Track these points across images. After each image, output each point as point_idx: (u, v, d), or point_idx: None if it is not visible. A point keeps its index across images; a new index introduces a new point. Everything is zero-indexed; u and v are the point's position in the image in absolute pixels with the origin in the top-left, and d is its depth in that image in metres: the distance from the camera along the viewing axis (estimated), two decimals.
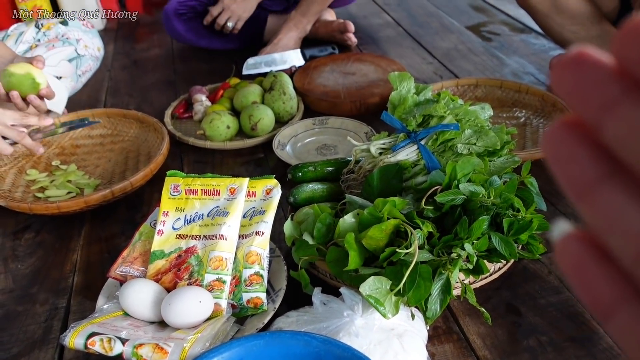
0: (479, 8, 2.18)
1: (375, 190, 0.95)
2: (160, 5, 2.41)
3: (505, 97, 1.45)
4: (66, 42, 1.44)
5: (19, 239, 1.12)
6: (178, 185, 0.95)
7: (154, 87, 1.72)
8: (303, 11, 1.73)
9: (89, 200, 1.11)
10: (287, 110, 1.42)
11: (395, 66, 1.62)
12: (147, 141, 1.38)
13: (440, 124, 1.00)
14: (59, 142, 1.39)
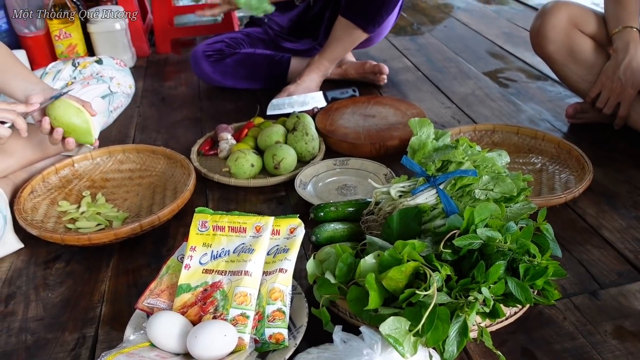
0: (496, 55, 2.24)
1: (394, 232, 0.98)
2: (187, 45, 2.52)
3: (521, 143, 1.49)
4: (100, 80, 1.51)
5: (49, 268, 1.17)
6: (206, 221, 1.00)
7: (181, 124, 1.79)
8: (326, 55, 1.80)
9: (118, 232, 1.16)
10: (309, 151, 1.47)
11: (415, 110, 1.68)
12: (173, 176, 1.43)
13: (458, 169, 1.04)
14: (89, 175, 1.45)
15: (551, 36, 1.46)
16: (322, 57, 1.81)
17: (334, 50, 1.79)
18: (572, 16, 1.45)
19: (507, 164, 1.11)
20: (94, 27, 2.16)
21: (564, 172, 1.37)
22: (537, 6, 2.86)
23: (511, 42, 2.35)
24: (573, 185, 1.28)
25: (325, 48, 1.80)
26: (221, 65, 1.92)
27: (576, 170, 1.35)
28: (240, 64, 1.92)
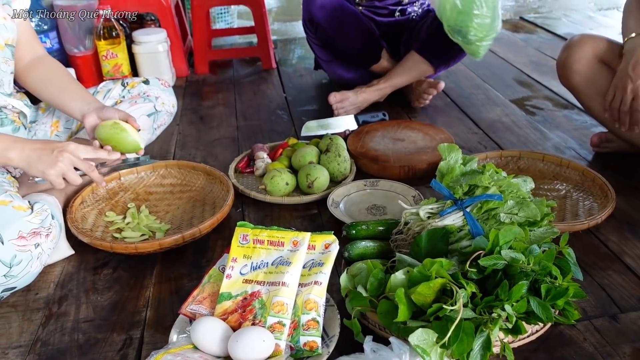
0: (524, 83, 2.30)
1: (423, 251, 1.05)
2: (224, 67, 2.63)
3: (546, 170, 1.54)
4: (147, 99, 1.62)
5: (98, 274, 1.26)
6: (247, 235, 1.07)
7: (219, 142, 1.88)
8: (391, 82, 1.96)
9: (162, 243, 1.25)
10: (341, 171, 1.54)
11: (443, 135, 1.74)
12: (212, 192, 1.52)
13: (485, 194, 1.10)
14: (134, 188, 1.54)
15: (577, 68, 1.51)
16: (387, 82, 1.96)
17: (400, 78, 1.95)
18: (597, 49, 1.50)
19: (531, 189, 1.17)
20: (139, 48, 2.28)
21: (587, 199, 1.42)
22: (565, 35, 2.91)
23: (539, 71, 2.40)
24: (596, 212, 1.32)
25: (393, 75, 1.94)
26: (343, 5, 1.91)
27: (600, 198, 1.39)
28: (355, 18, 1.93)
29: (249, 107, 2.17)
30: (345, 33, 1.94)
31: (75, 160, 1.18)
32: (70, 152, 1.17)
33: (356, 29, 1.94)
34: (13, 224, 1.11)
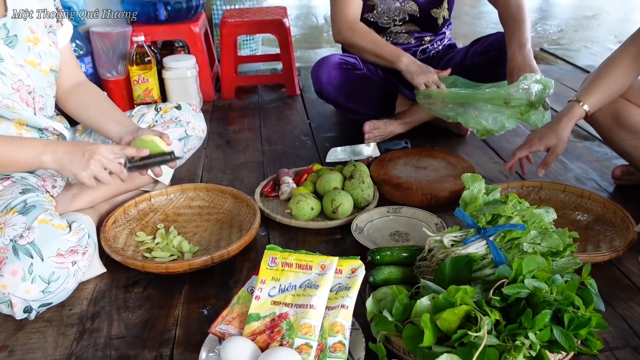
0: None
1: (447, 278, 1.07)
2: (249, 92, 2.70)
3: (568, 201, 1.56)
4: (178, 124, 1.68)
5: (129, 292, 1.30)
6: (276, 258, 1.11)
7: (244, 166, 1.93)
8: (419, 118, 2.03)
9: (192, 263, 1.29)
10: (364, 198, 1.58)
11: (465, 164, 1.77)
12: (239, 215, 1.56)
13: (508, 223, 1.13)
14: (163, 209, 1.59)
15: None
16: (415, 117, 2.03)
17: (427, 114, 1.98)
18: None
19: (553, 220, 1.19)
20: (168, 73, 2.36)
21: (609, 231, 1.43)
22: (585, 67, 2.94)
23: (559, 102, 2.42)
24: (618, 244, 1.34)
25: (421, 111, 1.98)
26: (350, 76, 1.97)
27: (621, 230, 1.41)
28: (364, 81, 1.98)
29: (274, 132, 2.22)
30: (357, 99, 2.00)
31: (105, 161, 1.24)
32: (100, 153, 1.23)
33: (367, 92, 2.00)
34: (52, 242, 1.16)
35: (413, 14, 2.00)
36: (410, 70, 1.85)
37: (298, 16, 5.54)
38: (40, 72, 1.37)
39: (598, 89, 1.47)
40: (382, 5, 1.97)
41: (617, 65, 1.46)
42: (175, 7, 2.42)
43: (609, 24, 4.82)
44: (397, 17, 2.00)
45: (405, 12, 1.99)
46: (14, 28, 1.31)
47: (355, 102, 2.00)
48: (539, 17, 5.26)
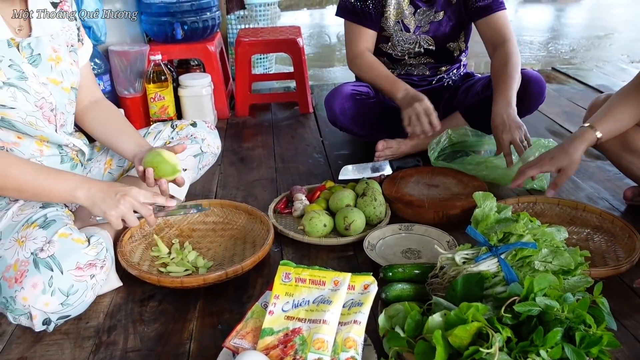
0: (556, 132, 2.34)
1: (458, 295, 1.08)
2: (262, 110, 2.74)
3: (562, 214, 1.60)
4: (194, 141, 1.71)
5: (145, 306, 1.32)
6: (289, 273, 1.13)
7: (258, 183, 1.96)
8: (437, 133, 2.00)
9: (207, 278, 1.31)
10: (376, 215, 1.60)
11: (476, 182, 1.79)
12: (253, 231, 1.58)
13: (519, 241, 1.14)
14: (178, 225, 1.62)
15: None
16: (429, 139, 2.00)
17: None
18: None
19: (565, 239, 1.20)
20: (184, 91, 2.41)
21: (610, 241, 1.47)
22: (597, 87, 2.95)
23: (571, 121, 2.44)
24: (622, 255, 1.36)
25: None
26: (362, 106, 2.00)
27: (622, 239, 1.45)
28: (376, 110, 2.02)
29: (287, 150, 2.25)
30: (370, 127, 2.03)
31: (136, 204, 1.26)
32: (132, 196, 1.25)
33: (380, 119, 2.03)
34: (72, 255, 1.19)
35: (429, 47, 2.03)
36: (402, 105, 1.87)
37: (311, 35, 5.61)
38: (62, 89, 1.41)
39: (612, 117, 1.48)
40: (396, 37, 2.01)
41: (632, 97, 1.47)
42: (191, 26, 2.48)
43: (620, 44, 4.83)
44: (412, 50, 2.03)
45: (420, 45, 2.02)
46: (37, 47, 1.35)
47: (369, 129, 2.03)
48: (551, 37, 5.29)
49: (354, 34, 2.01)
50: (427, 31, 2.01)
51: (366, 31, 2.00)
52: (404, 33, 2.01)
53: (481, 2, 1.97)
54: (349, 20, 2.02)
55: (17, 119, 1.30)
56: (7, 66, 1.27)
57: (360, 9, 1.97)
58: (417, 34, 2.01)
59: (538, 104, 2.00)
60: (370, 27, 1.99)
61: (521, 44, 5.06)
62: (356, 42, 2.01)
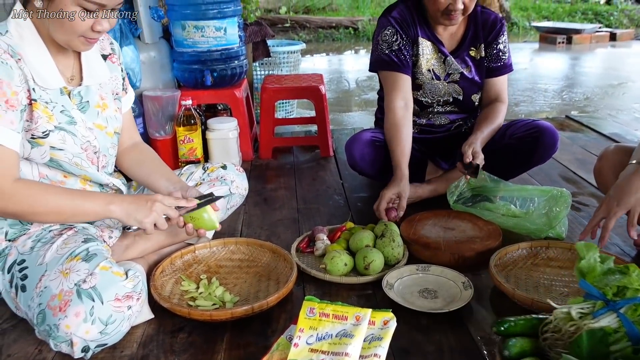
0: (569, 179, 2.41)
1: (584, 352, 1.06)
2: (284, 152, 2.86)
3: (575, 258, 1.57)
4: (223, 183, 1.82)
5: (175, 337, 1.40)
6: (314, 308, 1.21)
7: (281, 223, 2.05)
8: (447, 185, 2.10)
9: (234, 312, 1.39)
10: (395, 256, 1.67)
11: (491, 226, 1.86)
12: (277, 269, 1.66)
13: (638, 296, 1.11)
14: (206, 262, 1.71)
15: (611, 177, 1.63)
16: (443, 184, 2.12)
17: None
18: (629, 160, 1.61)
19: None
20: (212, 134, 2.53)
21: None
22: (610, 135, 3.03)
23: (584, 169, 2.51)
24: None
25: (450, 179, 2.11)
26: (381, 152, 2.08)
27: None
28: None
29: (309, 192, 2.35)
30: (388, 172, 2.07)
31: (165, 207, 1.40)
32: (160, 201, 1.40)
33: None
34: (112, 287, 1.28)
35: (457, 97, 2.15)
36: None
37: (331, 80, 5.80)
38: (106, 134, 1.53)
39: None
40: (428, 84, 2.13)
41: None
42: (220, 73, 2.63)
43: (634, 93, 4.92)
44: (442, 98, 2.15)
45: (449, 94, 2.14)
46: (86, 95, 1.49)
47: (387, 175, 2.10)
48: (565, 85, 5.40)
49: (392, 83, 2.06)
50: (456, 81, 2.13)
51: (403, 78, 2.06)
52: (435, 82, 2.13)
53: (495, 63, 2.12)
54: (386, 70, 2.09)
55: (64, 160, 1.43)
56: (59, 112, 1.40)
57: (397, 58, 2.06)
58: (447, 81, 2.13)
59: (551, 154, 2.09)
60: (407, 73, 2.07)
61: (536, 91, 5.17)
62: (395, 93, 2.05)
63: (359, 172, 2.16)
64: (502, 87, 2.17)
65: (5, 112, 1.28)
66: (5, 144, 1.29)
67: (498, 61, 2.13)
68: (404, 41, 2.06)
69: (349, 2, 13.25)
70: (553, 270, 1.65)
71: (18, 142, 1.32)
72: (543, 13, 11.73)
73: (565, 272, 1.63)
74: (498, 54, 2.13)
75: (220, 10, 2.55)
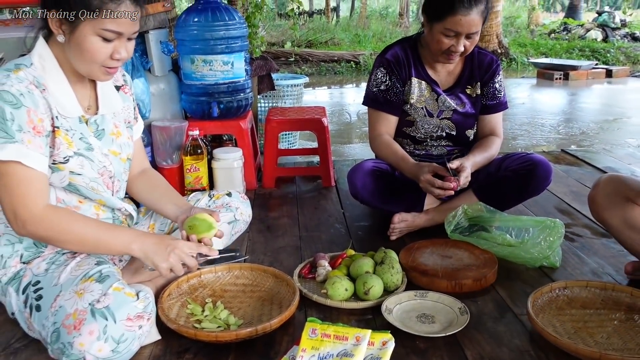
0: (564, 211, 2.48)
1: None
2: (287, 182, 2.93)
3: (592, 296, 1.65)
4: (229, 210, 1.89)
5: (181, 358, 1.45)
6: (316, 329, 1.27)
7: (283, 250, 2.12)
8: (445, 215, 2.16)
9: (239, 334, 1.45)
10: (394, 282, 1.73)
11: (487, 255, 1.92)
12: (279, 293, 1.72)
13: None
14: (212, 285, 1.77)
15: (604, 205, 1.71)
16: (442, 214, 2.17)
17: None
18: (623, 188, 1.68)
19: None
20: (217, 164, 2.62)
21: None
22: (605, 169, 3.11)
23: (579, 201, 2.58)
24: None
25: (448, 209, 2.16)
26: (382, 181, 2.16)
27: None
28: (395, 185, 2.17)
29: (310, 220, 2.42)
30: (389, 201, 2.18)
31: (183, 255, 1.44)
32: (180, 248, 1.44)
33: (398, 194, 2.18)
34: (124, 307, 1.34)
35: (450, 132, 2.25)
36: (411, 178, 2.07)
37: (332, 112, 5.93)
38: (120, 160, 1.62)
39: None
40: (421, 122, 2.23)
41: None
42: (227, 105, 2.73)
43: (629, 128, 5.04)
44: (435, 133, 2.25)
45: (442, 129, 2.24)
46: (102, 123, 1.57)
47: (388, 204, 2.18)
48: (562, 120, 5.53)
49: (376, 119, 2.24)
50: (449, 117, 2.23)
51: (387, 117, 2.21)
52: (427, 118, 2.22)
53: (490, 101, 2.24)
54: (372, 107, 2.25)
55: (81, 184, 1.50)
56: (78, 139, 1.49)
57: (382, 99, 2.19)
58: (440, 118, 2.23)
59: (544, 187, 2.16)
60: (391, 114, 2.21)
61: (533, 126, 5.29)
62: (377, 126, 2.23)
63: (360, 200, 2.24)
64: (497, 124, 2.28)
65: (34, 138, 1.37)
66: (35, 166, 1.37)
67: (494, 99, 2.24)
68: (395, 82, 2.18)
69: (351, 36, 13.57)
70: (578, 311, 1.62)
71: (46, 166, 1.40)
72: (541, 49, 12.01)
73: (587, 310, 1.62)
74: (494, 92, 2.23)
75: (228, 45, 2.66)
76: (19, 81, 1.37)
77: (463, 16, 1.96)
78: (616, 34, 13.13)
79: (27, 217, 1.37)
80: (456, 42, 2.02)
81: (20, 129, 1.34)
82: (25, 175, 1.36)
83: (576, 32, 13.53)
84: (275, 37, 12.66)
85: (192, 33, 2.64)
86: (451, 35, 2.01)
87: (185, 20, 2.67)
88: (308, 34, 13.27)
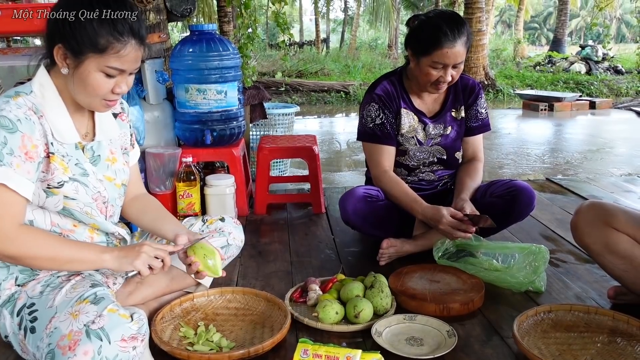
0: (549, 237, 2.54)
1: None
2: (278, 209, 2.98)
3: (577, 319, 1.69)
4: (222, 234, 1.92)
5: None
6: (307, 350, 1.30)
7: (275, 275, 2.15)
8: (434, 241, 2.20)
9: (232, 356, 1.47)
10: (383, 305, 1.77)
11: (474, 279, 1.97)
12: (271, 317, 1.75)
13: None
14: (204, 309, 1.79)
15: (586, 231, 1.76)
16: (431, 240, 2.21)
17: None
18: (604, 215, 1.74)
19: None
20: (210, 190, 2.66)
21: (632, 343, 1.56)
22: (588, 197, 3.19)
23: (563, 227, 2.65)
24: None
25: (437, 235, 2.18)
26: (373, 207, 2.20)
27: None
28: (385, 211, 2.21)
29: (301, 246, 2.46)
30: (379, 227, 2.22)
31: (153, 249, 1.49)
32: (146, 244, 1.50)
33: (388, 220, 2.22)
34: (118, 328, 1.36)
35: (441, 157, 2.32)
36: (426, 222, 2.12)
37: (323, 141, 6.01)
38: (115, 186, 1.65)
39: None
40: (412, 150, 2.30)
41: None
42: (220, 133, 2.78)
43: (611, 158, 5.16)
44: (427, 160, 2.32)
45: (434, 155, 2.32)
46: (98, 150, 1.62)
47: (378, 229, 2.22)
48: (547, 150, 5.65)
49: (377, 153, 2.26)
50: (438, 143, 2.31)
51: (388, 149, 2.26)
52: (418, 146, 2.30)
53: (473, 123, 2.32)
54: (370, 142, 2.28)
55: (76, 208, 1.54)
56: (74, 164, 1.53)
57: (380, 132, 2.25)
58: (430, 145, 2.31)
59: (528, 212, 2.23)
60: (391, 145, 2.26)
61: (519, 155, 5.40)
62: (380, 161, 2.25)
63: (351, 226, 2.28)
64: (479, 146, 2.37)
65: (24, 163, 1.40)
66: (18, 190, 1.40)
67: (477, 121, 2.33)
68: (388, 115, 2.25)
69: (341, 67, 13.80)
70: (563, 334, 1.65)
71: (31, 191, 1.44)
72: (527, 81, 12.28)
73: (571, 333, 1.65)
74: (476, 114, 2.33)
75: (222, 75, 2.73)
76: (17, 107, 1.42)
77: (449, 49, 2.05)
78: (599, 67, 13.49)
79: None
80: (444, 72, 2.10)
81: (11, 152, 1.38)
82: (7, 198, 1.40)
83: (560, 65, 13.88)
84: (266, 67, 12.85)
85: (187, 63, 2.71)
86: (439, 67, 2.09)
87: (181, 51, 2.74)
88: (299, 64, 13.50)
